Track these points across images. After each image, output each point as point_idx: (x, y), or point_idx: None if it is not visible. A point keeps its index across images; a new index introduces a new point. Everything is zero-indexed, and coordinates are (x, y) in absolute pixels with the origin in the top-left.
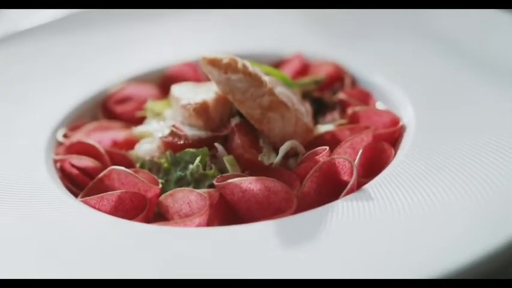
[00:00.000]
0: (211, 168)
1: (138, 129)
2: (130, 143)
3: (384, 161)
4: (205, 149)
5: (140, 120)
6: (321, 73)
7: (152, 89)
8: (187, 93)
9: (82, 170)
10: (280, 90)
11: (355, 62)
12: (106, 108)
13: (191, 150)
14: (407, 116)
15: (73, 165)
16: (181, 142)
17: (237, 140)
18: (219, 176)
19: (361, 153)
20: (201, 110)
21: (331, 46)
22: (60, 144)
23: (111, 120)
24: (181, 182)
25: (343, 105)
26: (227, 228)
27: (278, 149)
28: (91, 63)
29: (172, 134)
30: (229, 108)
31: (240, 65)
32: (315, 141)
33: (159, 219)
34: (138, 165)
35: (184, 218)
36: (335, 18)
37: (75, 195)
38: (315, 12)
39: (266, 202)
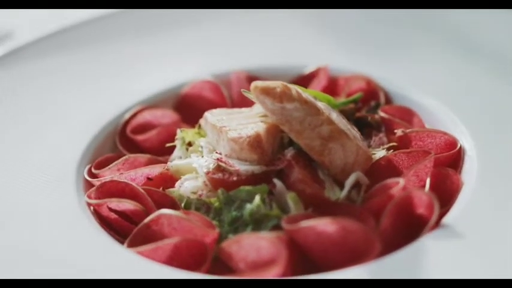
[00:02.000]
0: (270, 207)
1: (175, 164)
2: (167, 180)
3: (450, 188)
4: (264, 186)
5: (166, 150)
6: (354, 89)
7: (170, 113)
8: (229, 123)
9: (121, 214)
10: (335, 117)
11: (386, 76)
12: (124, 137)
13: (246, 187)
14: (461, 136)
15: (111, 210)
16: (234, 179)
17: (297, 174)
18: (286, 217)
19: (429, 181)
20: (255, 143)
21: (356, 58)
22: (88, 183)
23: (138, 154)
24: (236, 223)
25: (386, 125)
26: (312, 278)
27: (339, 181)
28: (94, 87)
29: (220, 169)
30: (279, 139)
31: (294, 92)
32: (370, 169)
33: (219, 266)
34: (182, 205)
35: (259, 268)
36: (356, 27)
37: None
38: (334, 20)
39: (342, 243)
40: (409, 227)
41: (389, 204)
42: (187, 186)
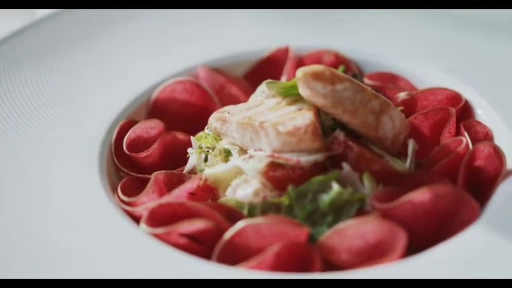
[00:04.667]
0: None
1: (212, 173)
2: (209, 191)
3: (476, 137)
4: (336, 173)
5: (169, 162)
6: (326, 64)
7: (156, 122)
8: (263, 117)
9: (190, 236)
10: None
11: (346, 46)
12: (122, 157)
13: (317, 178)
14: (458, 88)
15: (181, 234)
16: (300, 172)
17: (360, 153)
18: (374, 197)
19: (468, 135)
20: (315, 131)
21: (311, 34)
22: (128, 213)
23: (157, 172)
24: (313, 217)
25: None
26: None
27: (391, 153)
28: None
29: (277, 166)
30: (321, 123)
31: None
32: None
33: None
34: (245, 211)
35: (376, 255)
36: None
37: None
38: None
39: (433, 210)
40: (479, 181)
41: (462, 163)
42: (246, 192)
